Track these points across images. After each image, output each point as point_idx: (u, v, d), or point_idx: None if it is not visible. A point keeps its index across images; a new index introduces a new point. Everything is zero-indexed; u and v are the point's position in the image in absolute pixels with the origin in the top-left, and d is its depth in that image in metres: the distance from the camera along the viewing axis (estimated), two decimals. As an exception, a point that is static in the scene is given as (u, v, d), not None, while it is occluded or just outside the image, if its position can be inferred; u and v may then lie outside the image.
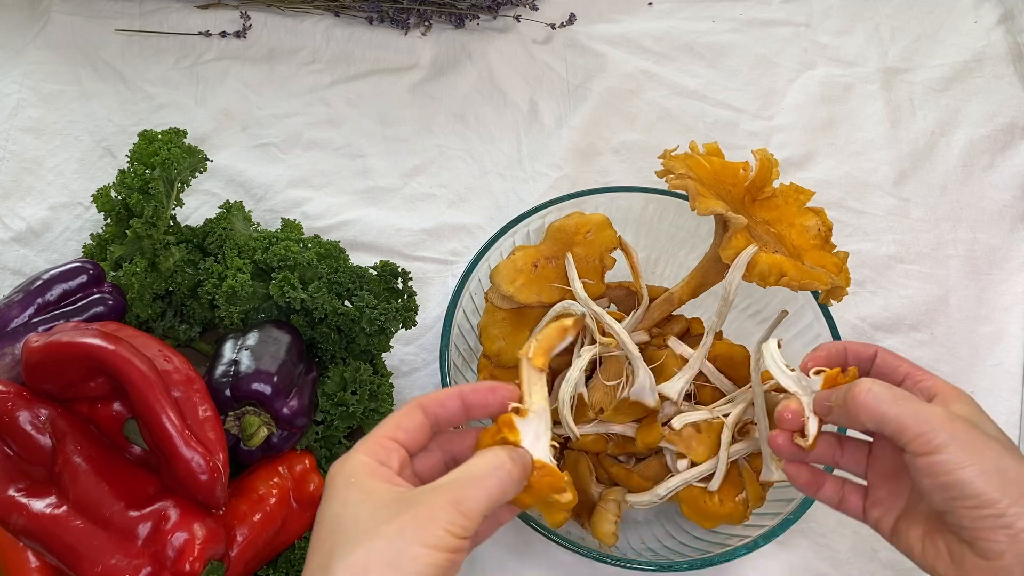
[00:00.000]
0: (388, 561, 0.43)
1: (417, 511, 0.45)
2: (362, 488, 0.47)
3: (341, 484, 0.48)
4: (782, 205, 0.71)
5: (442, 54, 0.99)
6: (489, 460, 0.48)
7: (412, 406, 0.51)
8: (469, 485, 0.46)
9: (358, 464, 0.48)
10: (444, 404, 0.51)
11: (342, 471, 0.48)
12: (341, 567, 0.43)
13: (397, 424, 0.50)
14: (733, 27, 1.02)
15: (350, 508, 0.46)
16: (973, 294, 0.88)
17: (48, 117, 0.92)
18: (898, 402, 0.50)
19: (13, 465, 0.63)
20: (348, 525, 0.45)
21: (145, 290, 0.73)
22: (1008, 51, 1.01)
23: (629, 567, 0.64)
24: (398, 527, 0.44)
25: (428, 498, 0.45)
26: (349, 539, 0.45)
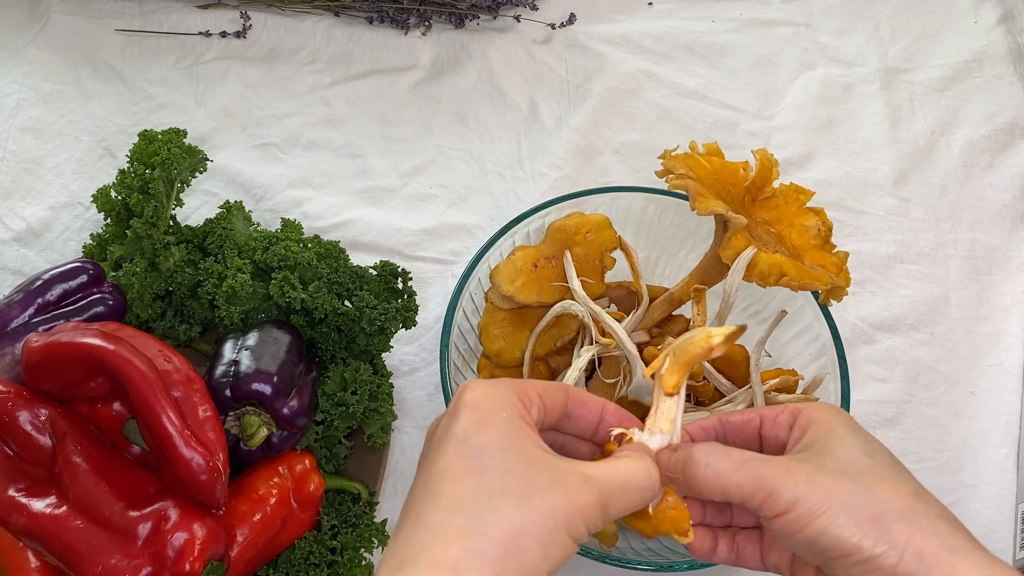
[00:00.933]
0: (540, 539, 0.42)
1: (571, 498, 0.43)
2: (513, 430, 0.45)
3: (489, 411, 0.45)
4: (782, 205, 0.71)
5: (442, 54, 0.99)
6: (645, 475, 0.46)
7: (559, 386, 0.49)
8: (618, 492, 0.45)
9: (509, 399, 0.46)
10: (586, 404, 0.50)
11: (490, 396, 0.46)
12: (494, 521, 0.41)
13: (545, 388, 0.48)
14: (733, 27, 1.02)
15: (499, 450, 0.44)
16: (973, 294, 0.88)
17: (48, 117, 0.92)
18: (737, 469, 0.46)
19: (13, 465, 0.63)
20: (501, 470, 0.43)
21: (145, 290, 0.73)
22: (1008, 51, 1.01)
23: (629, 567, 0.64)
24: (551, 506, 0.42)
25: (582, 487, 0.44)
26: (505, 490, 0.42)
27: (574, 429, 0.50)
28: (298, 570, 0.67)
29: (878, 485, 0.45)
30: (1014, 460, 0.80)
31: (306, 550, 0.67)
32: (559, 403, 0.49)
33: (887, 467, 0.47)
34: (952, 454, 0.80)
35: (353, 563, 0.68)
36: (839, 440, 0.47)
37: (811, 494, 0.45)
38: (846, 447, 0.47)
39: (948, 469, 0.79)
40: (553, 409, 0.49)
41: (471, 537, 0.41)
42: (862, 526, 0.44)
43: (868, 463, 0.46)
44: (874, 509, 0.44)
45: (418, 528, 0.43)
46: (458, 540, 0.41)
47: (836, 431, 0.48)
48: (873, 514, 0.44)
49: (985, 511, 0.78)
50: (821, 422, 0.48)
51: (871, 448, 0.47)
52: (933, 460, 0.80)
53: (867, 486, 0.45)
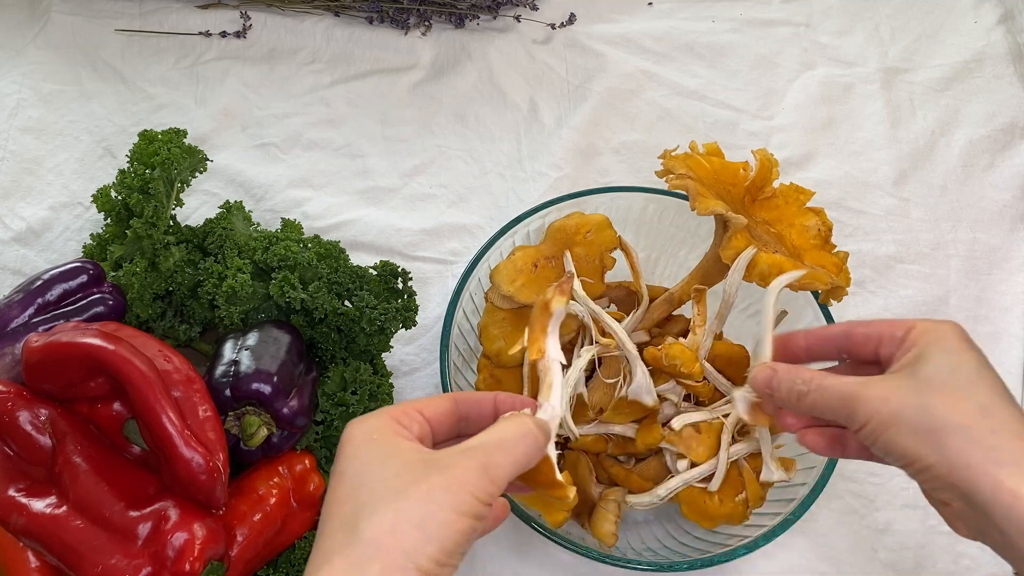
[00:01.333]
0: (416, 523, 0.43)
1: (446, 474, 0.44)
2: (386, 446, 0.46)
3: (362, 440, 0.47)
4: (782, 205, 0.71)
5: (442, 54, 0.99)
6: (517, 426, 0.48)
7: (443, 396, 0.51)
8: (497, 450, 0.46)
9: (381, 423, 0.47)
10: (477, 401, 0.51)
11: (362, 427, 0.47)
12: (368, 525, 0.43)
13: (428, 402, 0.49)
14: (733, 27, 1.02)
15: (374, 465, 0.45)
16: (973, 294, 0.88)
17: (48, 117, 0.92)
18: (821, 392, 0.53)
19: (13, 465, 0.63)
20: (373, 482, 0.44)
21: (145, 290, 0.73)
22: (1008, 51, 1.01)
23: (629, 567, 0.64)
24: (427, 489, 0.43)
25: (457, 461, 0.45)
26: (375, 497, 0.44)
27: (476, 430, 0.51)
28: (298, 570, 0.67)
29: (943, 400, 0.50)
30: (1014, 460, 0.80)
31: (306, 550, 0.67)
32: (446, 411, 0.50)
33: (963, 383, 0.51)
34: (952, 454, 0.80)
35: (353, 563, 0.67)
36: (927, 359, 0.52)
37: (882, 410, 0.50)
38: (933, 364, 0.51)
39: (948, 469, 0.79)
40: (441, 419, 0.50)
41: (349, 547, 0.43)
42: (920, 439, 0.49)
43: (945, 378, 0.51)
44: (933, 423, 0.49)
45: (312, 560, 0.44)
46: (340, 554, 0.43)
47: (928, 350, 0.52)
48: (931, 427, 0.49)
49: (985, 511, 0.78)
50: (921, 343, 0.53)
51: (957, 362, 0.51)
52: (933, 460, 0.80)
53: (931, 403, 0.50)
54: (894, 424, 0.50)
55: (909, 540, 0.76)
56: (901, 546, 0.76)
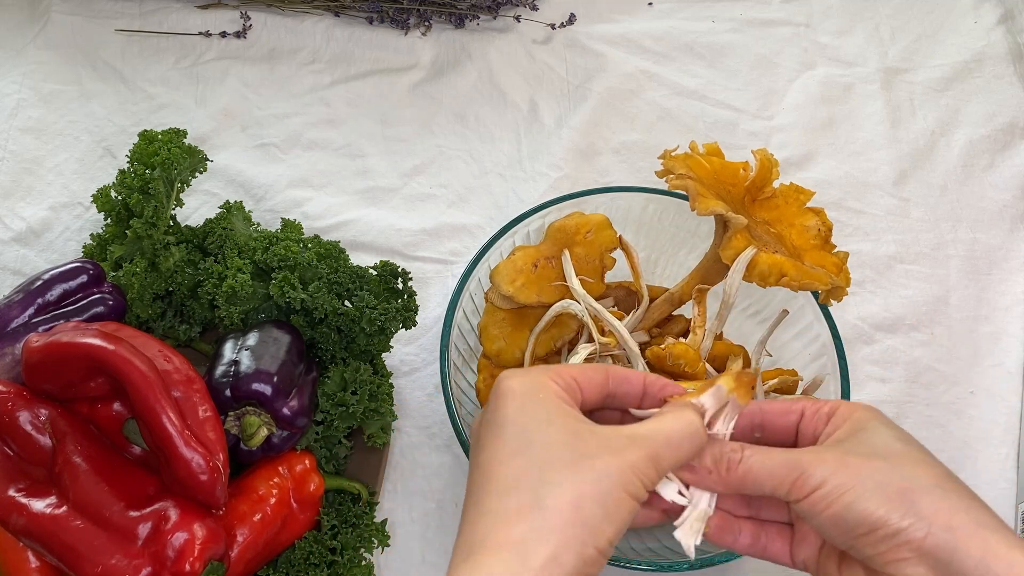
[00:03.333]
0: (598, 500, 0.42)
1: (620, 457, 0.44)
2: (551, 407, 0.46)
3: (526, 395, 0.46)
4: (782, 205, 0.71)
5: (442, 54, 0.99)
6: (685, 424, 0.47)
7: (598, 365, 0.50)
8: (664, 445, 0.46)
9: (543, 382, 0.47)
10: (628, 379, 0.50)
11: (523, 383, 0.46)
12: (549, 494, 0.42)
13: (583, 371, 0.49)
14: (733, 27, 1.02)
15: (543, 427, 0.45)
16: (973, 294, 0.88)
17: (48, 117, 0.92)
18: (767, 458, 0.47)
19: (13, 465, 0.63)
20: (545, 445, 0.44)
21: (145, 290, 0.73)
22: (1008, 51, 1.01)
23: (629, 567, 0.64)
24: (603, 467, 0.43)
25: (628, 446, 0.45)
26: (551, 463, 0.43)
27: (620, 406, 0.51)
28: (298, 570, 0.67)
29: (907, 465, 0.46)
30: (1014, 460, 0.80)
31: (306, 550, 0.67)
32: (598, 383, 0.49)
33: (918, 452, 0.48)
34: (952, 454, 0.80)
35: (353, 563, 0.68)
36: (873, 431, 0.48)
37: (839, 472, 0.45)
38: (880, 436, 0.48)
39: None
40: (592, 390, 0.49)
41: (530, 513, 0.42)
42: (889, 500, 0.44)
43: (900, 448, 0.47)
44: (902, 484, 0.45)
45: (477, 518, 0.43)
46: (518, 519, 0.42)
47: (870, 424, 0.49)
48: (901, 489, 0.44)
49: (985, 511, 0.78)
50: (856, 419, 0.49)
51: (904, 437, 0.48)
52: (933, 460, 0.80)
53: (896, 465, 0.46)
54: (855, 487, 0.45)
55: (909, 540, 0.76)
56: (901, 546, 0.76)
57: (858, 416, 0.49)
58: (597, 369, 0.50)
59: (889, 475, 0.45)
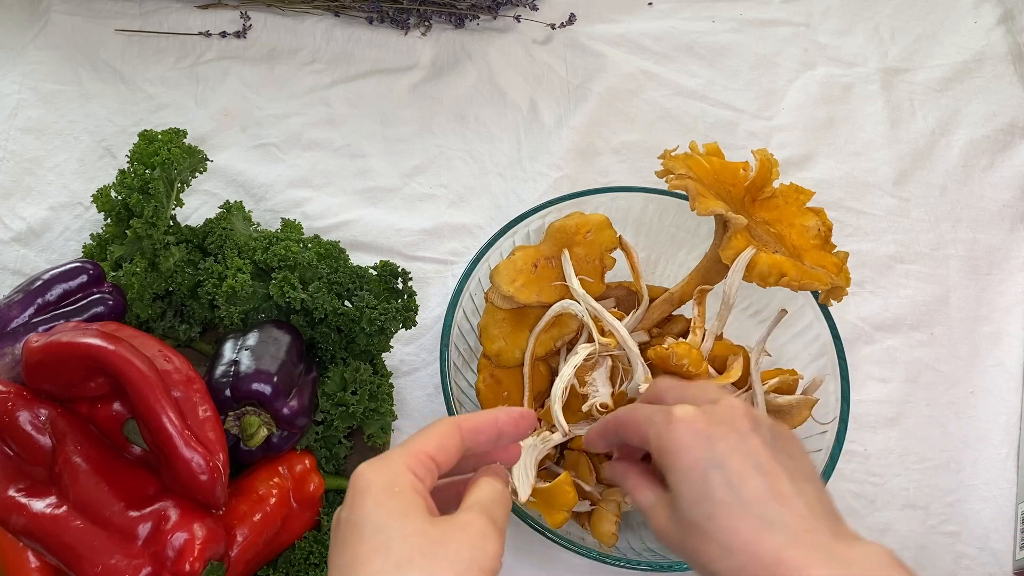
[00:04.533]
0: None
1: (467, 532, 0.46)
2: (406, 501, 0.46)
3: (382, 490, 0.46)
4: (782, 205, 0.71)
5: (442, 54, 0.98)
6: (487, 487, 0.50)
7: (451, 428, 0.50)
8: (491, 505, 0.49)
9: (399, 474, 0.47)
10: (481, 431, 0.51)
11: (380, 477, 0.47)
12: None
13: (439, 444, 0.49)
14: (733, 27, 1.02)
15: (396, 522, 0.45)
16: (973, 294, 0.88)
17: (48, 117, 0.92)
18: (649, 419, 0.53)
19: (13, 465, 0.63)
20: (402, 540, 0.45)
21: (145, 290, 0.73)
22: (1008, 51, 1.01)
23: (629, 567, 0.64)
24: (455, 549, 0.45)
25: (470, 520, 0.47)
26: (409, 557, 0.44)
27: (479, 454, 0.52)
28: (298, 570, 0.67)
29: None
30: (1014, 460, 0.80)
31: (306, 550, 0.67)
32: (454, 448, 0.50)
33: None
34: (952, 454, 0.80)
35: (353, 563, 0.67)
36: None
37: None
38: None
39: (948, 469, 0.79)
40: (450, 457, 0.50)
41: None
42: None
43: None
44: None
45: None
46: None
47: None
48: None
49: (985, 511, 0.78)
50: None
51: None
52: (933, 460, 0.80)
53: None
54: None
55: (909, 540, 0.76)
56: (901, 546, 0.76)
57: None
58: (450, 433, 0.50)
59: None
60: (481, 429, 0.51)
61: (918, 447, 0.80)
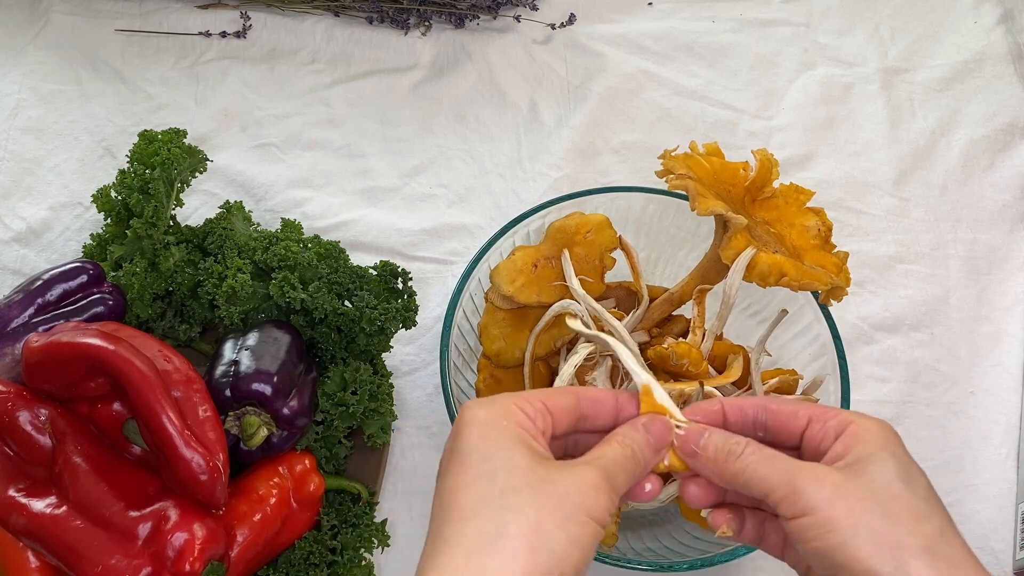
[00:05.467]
0: (560, 523, 0.42)
1: (578, 479, 0.44)
2: (513, 436, 0.45)
3: (488, 423, 0.46)
4: (782, 205, 0.71)
5: (442, 54, 0.99)
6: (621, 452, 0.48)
7: (567, 390, 0.49)
8: (613, 467, 0.46)
9: (508, 411, 0.46)
10: (600, 400, 0.50)
11: (487, 411, 0.46)
12: (514, 517, 0.42)
13: (551, 396, 0.48)
14: (733, 27, 1.02)
15: (502, 452, 0.44)
16: (973, 294, 0.88)
17: (48, 117, 0.92)
18: (764, 462, 0.47)
19: (13, 465, 0.63)
20: (508, 471, 0.44)
21: (145, 290, 0.73)
22: (1008, 51, 1.01)
23: (629, 567, 0.64)
24: (564, 490, 0.43)
25: (583, 470, 0.45)
26: (514, 487, 0.43)
27: (593, 427, 0.50)
28: (298, 570, 0.67)
29: (905, 516, 0.44)
30: (1014, 460, 0.80)
31: (306, 550, 0.67)
32: (568, 407, 0.49)
33: (920, 499, 0.46)
34: (952, 454, 0.80)
35: (353, 563, 0.68)
36: (880, 463, 0.46)
37: (835, 504, 0.44)
38: (885, 470, 0.46)
39: (948, 469, 0.79)
40: (563, 414, 0.49)
41: (493, 539, 0.42)
42: (881, 552, 0.43)
43: (902, 490, 0.45)
44: (897, 538, 0.43)
45: (439, 545, 0.43)
46: (481, 545, 0.42)
47: (879, 453, 0.47)
48: (894, 543, 0.43)
49: (985, 511, 0.78)
50: (867, 441, 0.47)
51: (910, 476, 0.47)
52: (933, 460, 0.80)
53: (893, 513, 0.44)
54: (847, 527, 0.43)
55: (909, 540, 0.76)
56: (901, 546, 0.76)
57: (869, 440, 0.47)
58: (566, 393, 0.49)
59: (885, 523, 0.44)
60: (599, 399, 0.50)
61: (918, 447, 0.80)
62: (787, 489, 0.45)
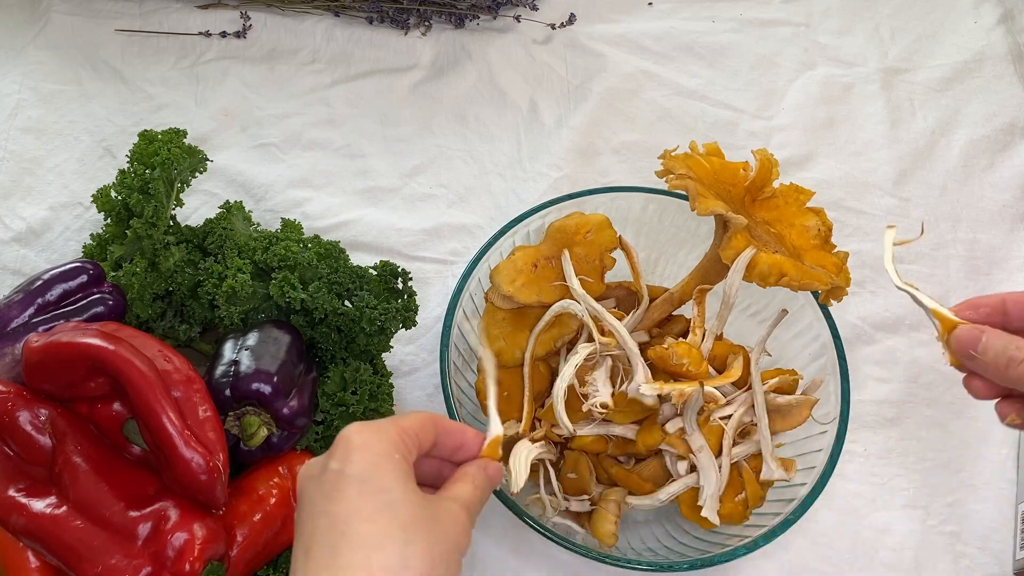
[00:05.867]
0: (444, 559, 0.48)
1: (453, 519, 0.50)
2: (404, 470, 0.49)
3: (381, 452, 0.49)
4: (782, 205, 0.71)
5: (442, 54, 0.99)
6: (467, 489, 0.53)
7: (430, 419, 0.53)
8: (470, 503, 0.52)
9: (395, 441, 0.50)
10: (451, 434, 0.55)
11: (378, 439, 0.49)
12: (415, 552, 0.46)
13: (421, 427, 0.52)
14: (733, 27, 1.02)
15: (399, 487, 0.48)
16: (973, 294, 0.87)
17: (48, 117, 0.92)
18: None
19: (13, 465, 0.63)
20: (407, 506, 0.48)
21: (145, 290, 0.73)
22: (1008, 51, 1.01)
23: (629, 567, 0.64)
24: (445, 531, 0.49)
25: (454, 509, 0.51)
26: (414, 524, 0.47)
27: (439, 453, 0.55)
28: (298, 570, 0.67)
29: None
30: (1014, 460, 0.80)
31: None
32: (431, 437, 0.53)
33: None
34: (952, 454, 0.80)
35: (353, 563, 0.67)
36: None
37: None
38: None
39: (948, 469, 0.79)
40: (428, 444, 0.53)
41: (397, 571, 0.45)
42: None
43: None
44: None
45: (334, 570, 0.46)
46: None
47: None
48: None
49: (985, 511, 0.78)
50: None
51: None
52: (933, 460, 0.80)
53: None
54: None
55: (909, 540, 0.76)
56: (901, 546, 0.76)
57: None
58: (429, 423, 0.53)
59: None
60: (450, 431, 0.55)
61: (918, 447, 0.80)
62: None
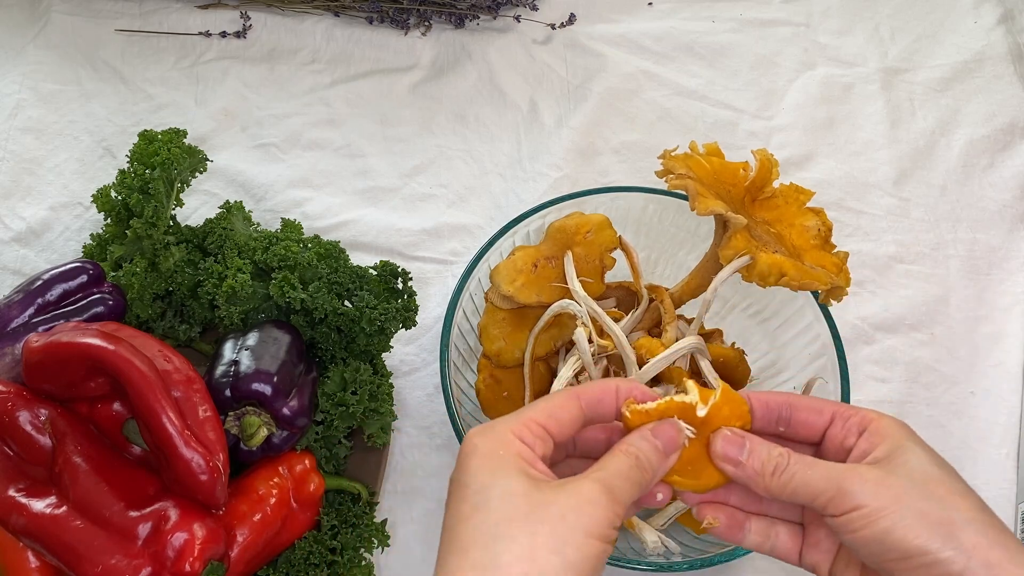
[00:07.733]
0: (554, 547, 0.43)
1: (574, 497, 0.45)
2: (510, 464, 0.46)
3: (487, 453, 0.46)
4: (782, 205, 0.71)
5: (442, 54, 0.99)
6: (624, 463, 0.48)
7: (569, 396, 0.49)
8: (615, 478, 0.47)
9: (506, 440, 0.47)
10: (601, 399, 0.50)
11: (485, 440, 0.47)
12: (505, 549, 0.43)
13: (551, 413, 0.49)
14: (733, 27, 1.02)
15: (498, 482, 0.45)
16: (973, 294, 0.88)
17: (48, 117, 0.92)
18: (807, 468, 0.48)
19: (13, 465, 0.63)
20: (502, 499, 0.45)
21: (145, 290, 0.73)
22: (1008, 51, 1.01)
23: (629, 567, 0.64)
24: (558, 513, 0.44)
25: (580, 486, 0.45)
26: (508, 517, 0.44)
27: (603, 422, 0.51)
28: (298, 570, 0.67)
29: (946, 494, 0.46)
30: (1014, 460, 0.80)
31: (306, 550, 0.67)
32: (571, 419, 0.49)
33: (955, 480, 0.48)
34: (952, 454, 0.79)
35: (353, 563, 0.68)
36: (911, 453, 0.48)
37: (881, 495, 0.46)
38: (917, 459, 0.48)
39: (948, 469, 0.79)
40: (565, 428, 0.49)
41: (487, 570, 0.43)
42: (929, 529, 0.45)
43: (937, 473, 0.47)
44: (943, 515, 0.45)
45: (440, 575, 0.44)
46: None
47: (906, 445, 0.49)
48: (941, 519, 0.45)
49: (985, 511, 0.78)
50: (891, 436, 0.49)
51: (939, 462, 0.49)
52: (933, 460, 0.80)
53: (936, 494, 0.46)
54: (895, 512, 0.45)
55: (909, 540, 0.76)
56: (901, 546, 0.76)
57: (892, 435, 0.49)
58: (565, 403, 0.49)
59: (930, 504, 0.45)
60: (600, 398, 0.50)
61: (918, 447, 0.80)
62: (833, 492, 0.47)
